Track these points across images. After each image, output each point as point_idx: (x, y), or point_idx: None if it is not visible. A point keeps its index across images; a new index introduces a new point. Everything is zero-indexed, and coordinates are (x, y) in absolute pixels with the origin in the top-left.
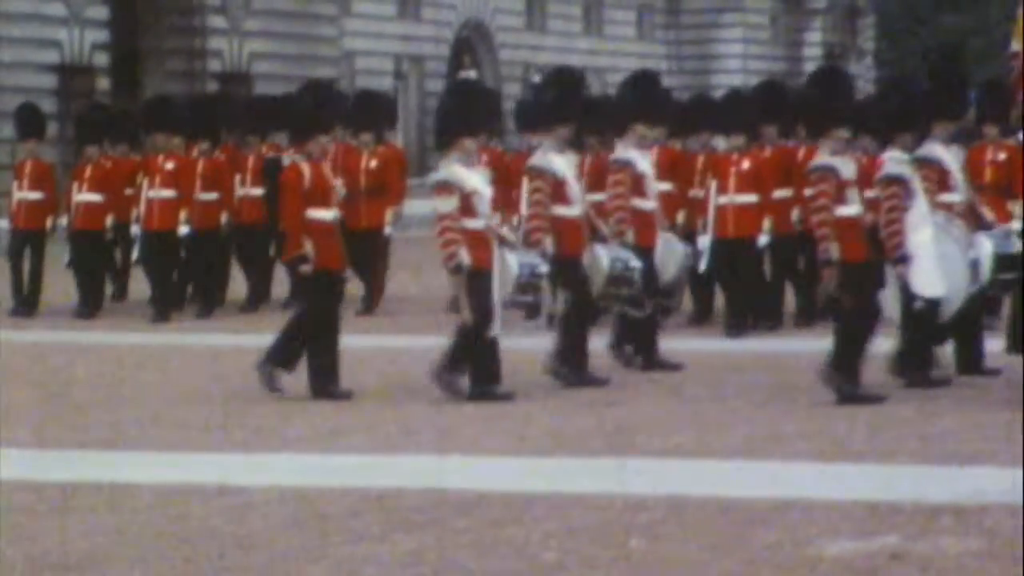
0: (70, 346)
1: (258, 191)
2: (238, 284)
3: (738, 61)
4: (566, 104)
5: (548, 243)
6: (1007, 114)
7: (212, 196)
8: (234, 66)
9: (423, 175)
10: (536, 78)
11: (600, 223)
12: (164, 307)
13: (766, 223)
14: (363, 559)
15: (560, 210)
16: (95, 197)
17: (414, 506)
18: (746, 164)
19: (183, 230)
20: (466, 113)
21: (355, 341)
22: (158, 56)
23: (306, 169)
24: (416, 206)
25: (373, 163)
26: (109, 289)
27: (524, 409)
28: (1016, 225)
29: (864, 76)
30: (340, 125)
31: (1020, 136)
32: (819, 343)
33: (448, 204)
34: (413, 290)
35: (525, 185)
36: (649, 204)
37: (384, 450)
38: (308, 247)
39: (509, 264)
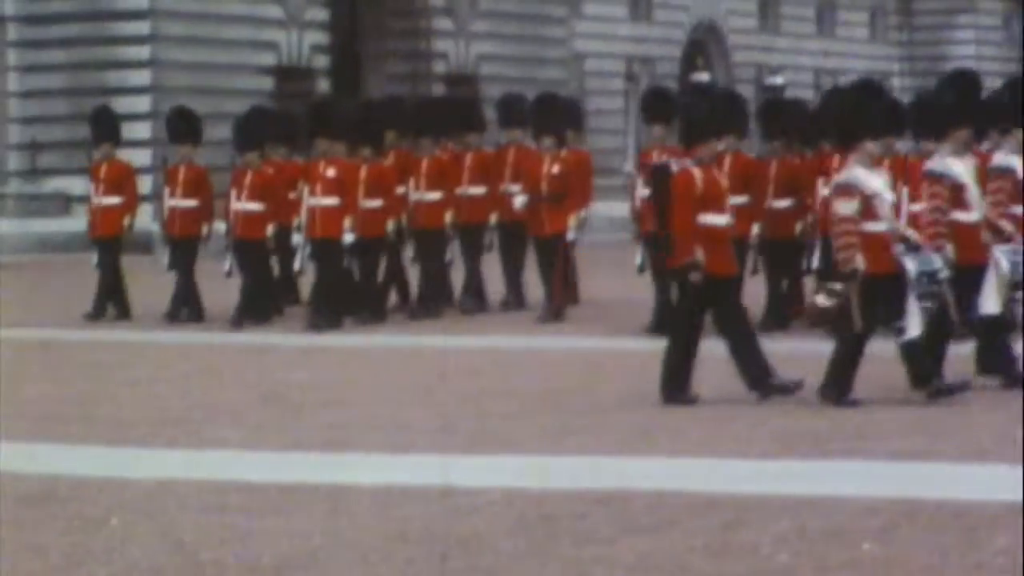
0: (285, 349)
1: (434, 195)
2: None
3: (971, 63)
4: (964, 107)
5: (949, 249)
6: None
7: (376, 203)
8: (460, 68)
9: None
10: (777, 79)
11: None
12: (321, 315)
13: None
14: (591, 561)
15: (959, 215)
16: (255, 206)
17: (643, 508)
18: None
19: (347, 238)
20: (868, 115)
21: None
22: (380, 59)
23: (698, 174)
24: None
25: (555, 168)
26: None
27: (755, 411)
28: None
29: None
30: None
31: None
32: None
33: (848, 207)
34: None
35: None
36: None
37: (613, 451)
38: (699, 253)
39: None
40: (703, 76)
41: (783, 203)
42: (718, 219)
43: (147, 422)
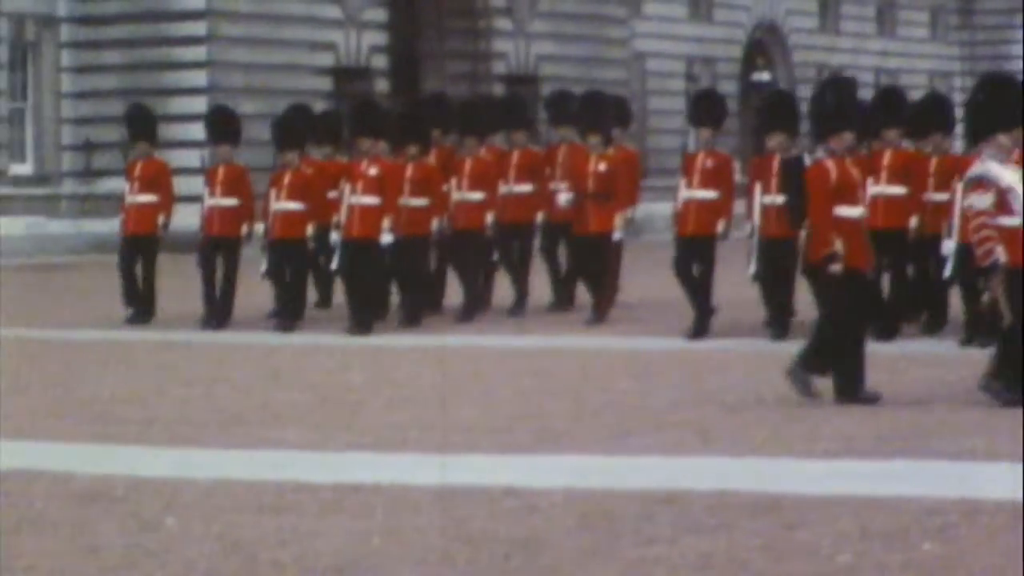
0: (339, 349)
1: (476, 195)
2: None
3: None
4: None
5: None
6: None
7: (422, 202)
8: (520, 68)
9: None
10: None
11: None
12: (361, 317)
13: None
14: (653, 561)
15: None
16: (295, 205)
17: (705, 508)
18: None
19: (386, 238)
20: (1000, 109)
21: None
22: (439, 59)
23: (832, 166)
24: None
25: (602, 166)
26: (313, 296)
27: (818, 410)
28: None
29: None
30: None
31: None
32: None
33: (984, 200)
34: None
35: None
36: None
37: (674, 451)
38: (838, 245)
39: None
40: (764, 76)
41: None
42: (852, 211)
43: (204, 422)
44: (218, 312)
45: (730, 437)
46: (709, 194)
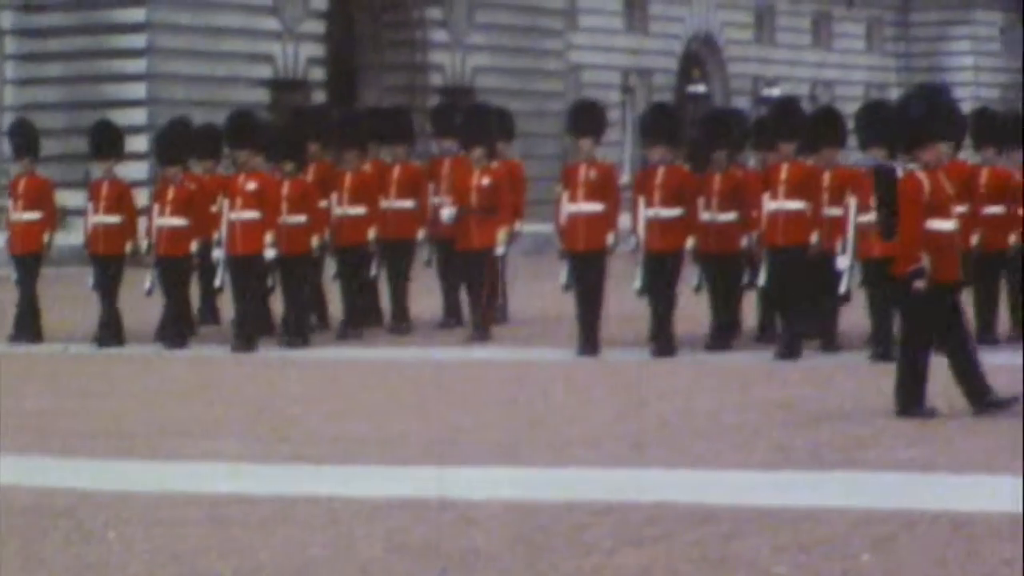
0: (277, 362)
1: (357, 210)
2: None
3: (968, 74)
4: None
5: None
6: None
7: (300, 219)
8: (457, 80)
9: None
10: (773, 91)
11: None
12: (245, 333)
13: None
14: (591, 573)
15: None
16: (178, 221)
17: (642, 520)
18: None
19: (269, 253)
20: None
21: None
22: (376, 71)
23: (924, 179)
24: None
25: (485, 180)
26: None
27: (754, 422)
28: None
29: None
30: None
31: None
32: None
33: None
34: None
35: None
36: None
37: (610, 464)
38: (925, 261)
39: None
40: (699, 88)
41: (727, 216)
42: (944, 224)
43: (146, 435)
44: (110, 331)
45: (666, 449)
46: (595, 207)
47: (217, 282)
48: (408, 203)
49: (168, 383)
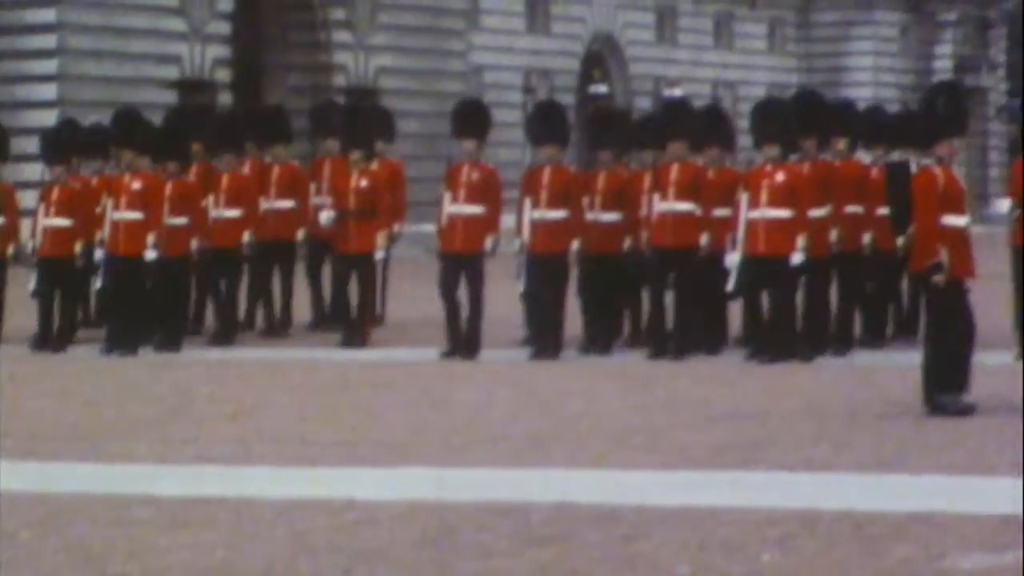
0: (187, 363)
1: (233, 212)
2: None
3: (868, 74)
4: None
5: None
6: None
7: (182, 220)
8: (360, 81)
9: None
10: (675, 92)
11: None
12: (119, 337)
13: (801, 241)
14: (493, 573)
15: None
16: (63, 222)
17: (544, 520)
18: (780, 177)
19: (150, 255)
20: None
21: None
22: (282, 71)
23: (939, 174)
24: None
25: (364, 182)
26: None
27: (656, 423)
28: None
29: (996, 88)
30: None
31: None
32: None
33: None
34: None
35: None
36: None
37: (513, 463)
38: (944, 256)
39: None
40: (601, 88)
41: (610, 217)
42: (959, 220)
43: (56, 437)
44: None
45: (568, 449)
46: (475, 209)
47: (98, 283)
48: (288, 203)
49: (75, 384)
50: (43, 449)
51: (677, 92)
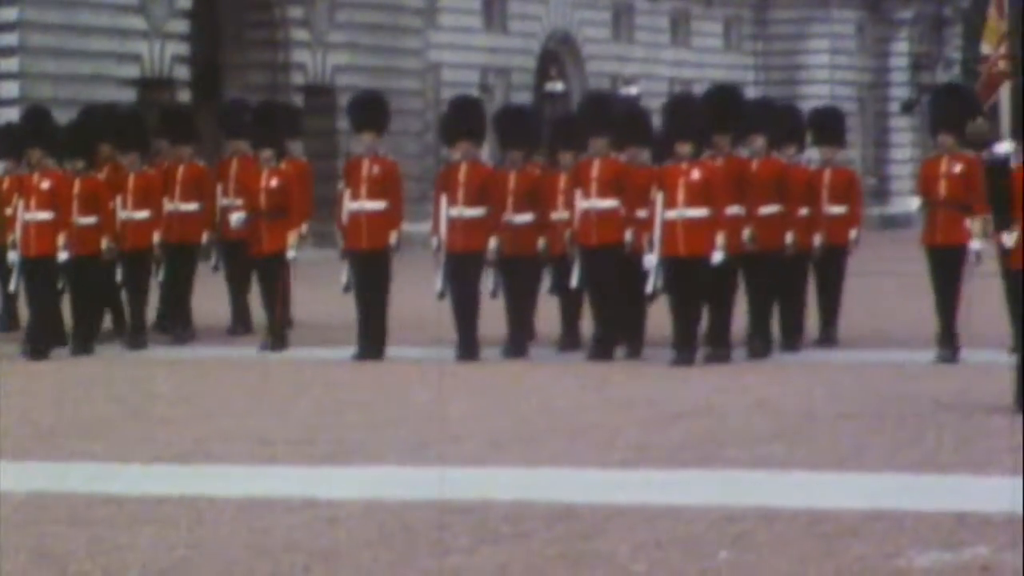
0: (147, 361)
1: (142, 214)
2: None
3: (825, 71)
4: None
5: None
6: (963, 122)
7: (91, 220)
8: (318, 79)
9: None
10: (632, 89)
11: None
12: (36, 339)
13: (719, 239)
14: (451, 571)
15: None
16: None
17: (502, 518)
18: (696, 175)
19: (61, 255)
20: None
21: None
22: (240, 69)
23: None
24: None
25: (274, 182)
26: None
27: (613, 421)
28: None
29: None
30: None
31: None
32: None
33: None
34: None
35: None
36: None
37: (470, 462)
38: None
39: None
40: (557, 86)
41: (523, 217)
42: None
43: (14, 436)
44: None
45: (525, 447)
46: (376, 205)
47: (12, 286)
48: (193, 205)
49: (28, 384)
50: (0, 448)
51: (633, 90)
